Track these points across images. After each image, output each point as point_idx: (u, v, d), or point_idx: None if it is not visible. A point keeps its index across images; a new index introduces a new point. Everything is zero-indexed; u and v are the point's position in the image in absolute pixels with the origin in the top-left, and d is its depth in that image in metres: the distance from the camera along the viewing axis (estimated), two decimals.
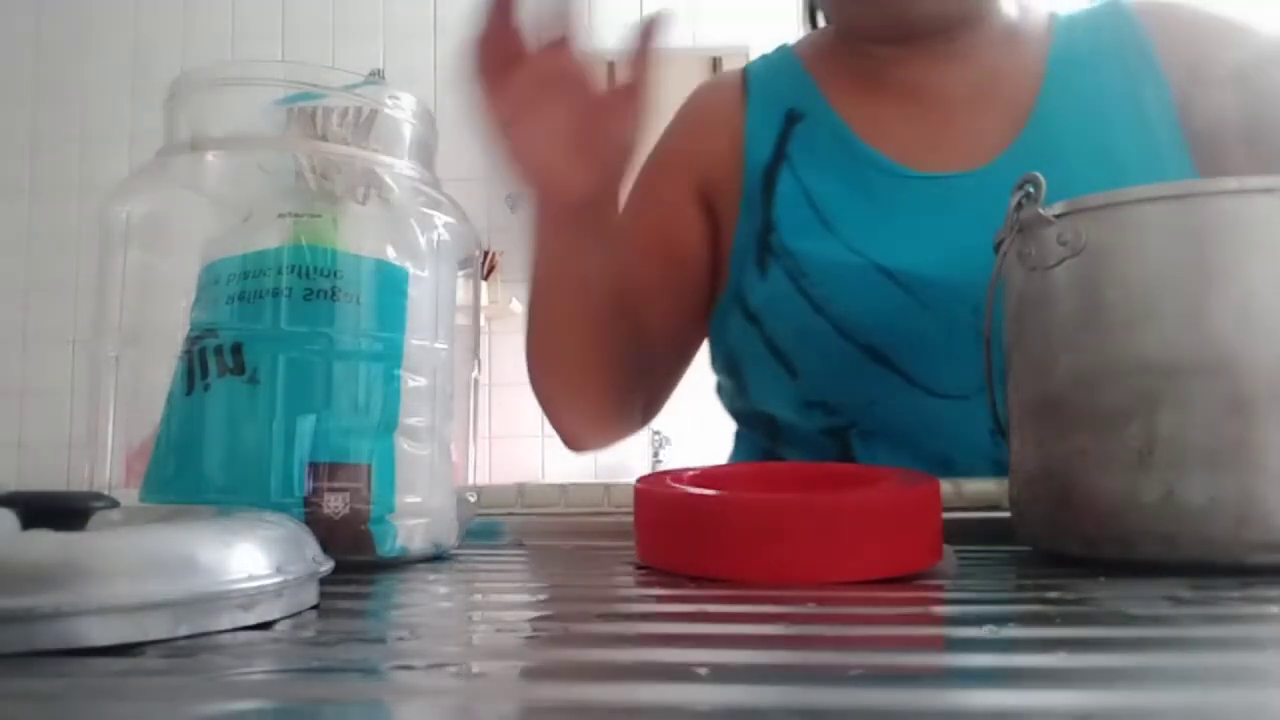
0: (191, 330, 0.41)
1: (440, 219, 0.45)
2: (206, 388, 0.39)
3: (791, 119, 0.73)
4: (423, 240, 0.43)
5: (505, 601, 0.33)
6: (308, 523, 0.37)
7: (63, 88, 2.45)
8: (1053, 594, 0.32)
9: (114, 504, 0.30)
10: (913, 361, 0.64)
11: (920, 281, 0.63)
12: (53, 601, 0.22)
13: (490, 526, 0.53)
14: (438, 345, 0.43)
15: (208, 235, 0.44)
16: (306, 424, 0.39)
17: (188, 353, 0.40)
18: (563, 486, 0.56)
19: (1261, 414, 0.34)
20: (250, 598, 0.26)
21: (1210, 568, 0.35)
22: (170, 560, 0.24)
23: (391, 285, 0.42)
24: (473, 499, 0.48)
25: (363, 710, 0.19)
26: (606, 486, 0.55)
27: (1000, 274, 0.43)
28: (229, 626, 0.25)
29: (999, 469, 0.64)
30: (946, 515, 0.37)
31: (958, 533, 0.41)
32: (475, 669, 0.22)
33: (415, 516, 0.41)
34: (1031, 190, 0.40)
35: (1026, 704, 0.19)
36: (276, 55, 2.40)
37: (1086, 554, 0.38)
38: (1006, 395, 0.44)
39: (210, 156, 0.43)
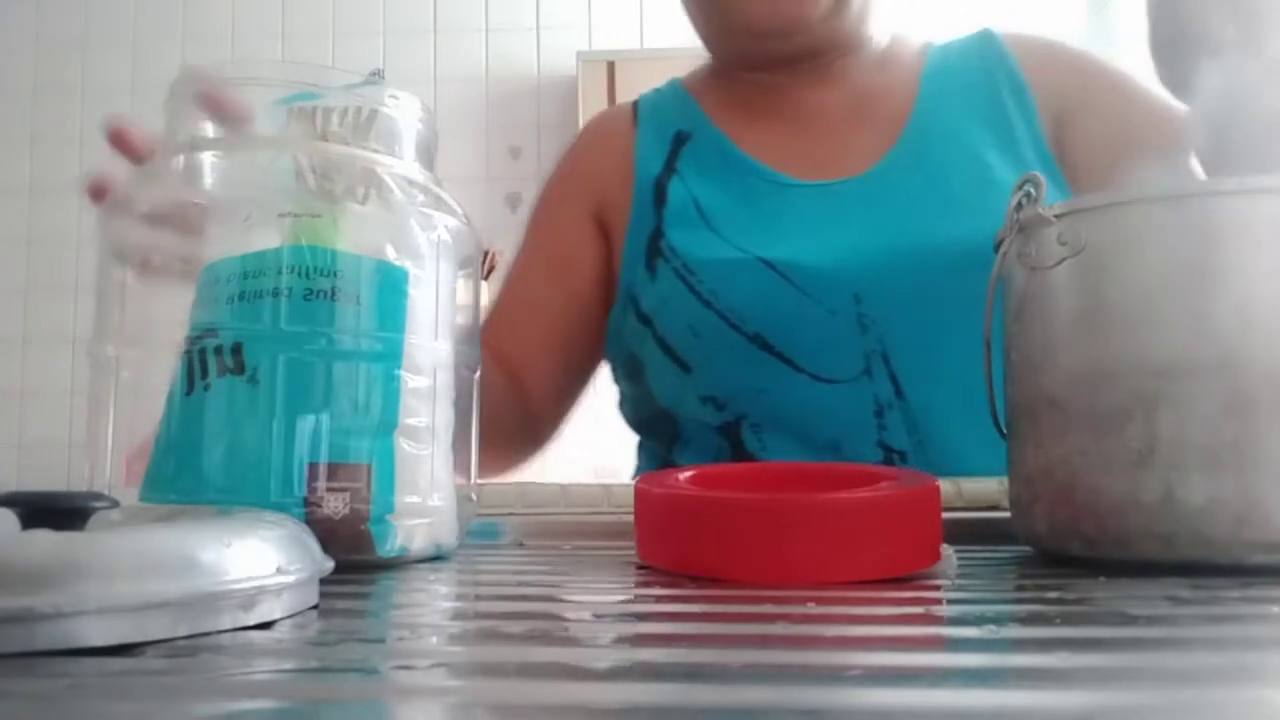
0: (191, 330, 0.41)
1: (440, 219, 0.45)
2: (206, 388, 0.39)
3: (680, 139, 0.78)
4: (423, 240, 0.43)
5: (505, 601, 0.33)
6: (308, 523, 0.37)
7: (63, 87, 2.45)
8: (1053, 594, 0.32)
9: (114, 504, 0.30)
10: (797, 348, 0.68)
11: (800, 271, 0.67)
12: (53, 601, 0.22)
13: (490, 526, 0.53)
14: (438, 345, 0.43)
15: (207, 235, 0.44)
16: (306, 424, 0.39)
17: (188, 353, 0.40)
18: (563, 486, 0.56)
19: (1261, 414, 0.34)
20: (250, 598, 0.26)
21: (1210, 568, 0.35)
22: (170, 560, 0.24)
23: (392, 285, 0.42)
24: (473, 499, 0.48)
25: (363, 710, 0.19)
26: (606, 486, 0.55)
27: (1000, 274, 0.43)
28: (229, 626, 0.25)
29: (882, 452, 0.68)
30: (946, 515, 0.37)
31: (958, 533, 0.41)
32: (475, 669, 0.22)
33: (415, 517, 0.41)
34: (1031, 190, 0.40)
35: (1026, 704, 0.19)
36: (276, 55, 2.40)
37: (1086, 554, 0.38)
38: (1006, 395, 0.44)
39: (209, 156, 0.43)
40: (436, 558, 0.43)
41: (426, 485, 0.42)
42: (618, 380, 0.83)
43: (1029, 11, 2.26)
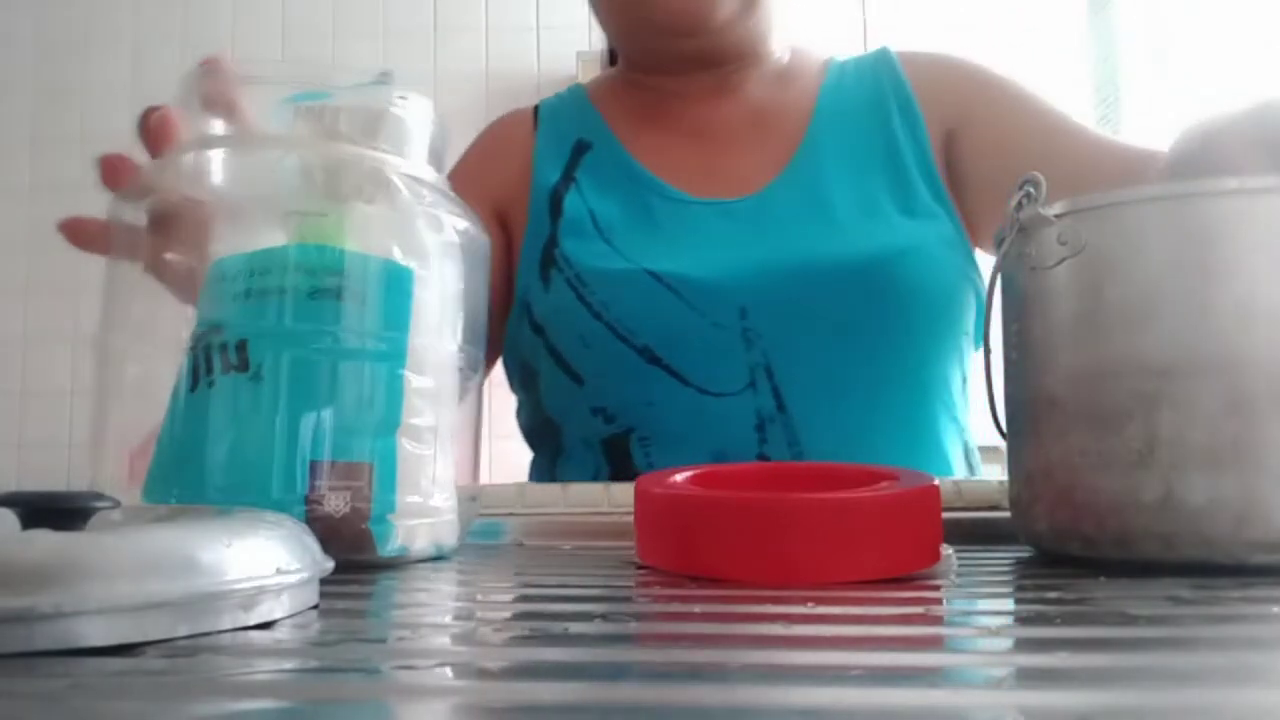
0: (197, 326, 0.41)
1: (449, 220, 0.45)
2: (210, 384, 0.39)
3: (580, 148, 0.80)
4: (430, 240, 0.43)
5: (505, 601, 0.33)
6: (309, 521, 0.37)
7: (63, 88, 2.45)
8: (1053, 594, 0.32)
9: (114, 504, 0.30)
10: (684, 361, 0.69)
11: (687, 284, 0.69)
12: (53, 601, 0.22)
13: (491, 526, 0.53)
14: (443, 346, 0.43)
15: (215, 232, 0.44)
16: (309, 422, 0.39)
17: (193, 349, 0.40)
18: (563, 486, 0.56)
19: (1261, 414, 0.34)
20: (250, 598, 0.26)
21: (1210, 568, 0.35)
22: (170, 560, 0.24)
23: (397, 285, 0.42)
24: (475, 500, 0.48)
25: (363, 710, 0.19)
26: (606, 486, 0.55)
27: (1000, 274, 0.43)
28: (229, 626, 0.25)
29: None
30: (946, 515, 0.37)
31: (958, 533, 0.41)
32: (475, 669, 0.22)
33: (417, 517, 0.41)
34: (1032, 190, 0.40)
35: (1027, 704, 0.19)
36: (277, 55, 2.40)
37: (1086, 554, 0.38)
38: (1006, 395, 0.44)
39: (218, 154, 0.43)
40: (438, 558, 0.43)
41: (428, 485, 0.42)
42: (514, 389, 0.84)
43: (1029, 11, 2.26)
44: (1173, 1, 2.00)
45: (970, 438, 0.77)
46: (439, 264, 0.44)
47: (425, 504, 0.42)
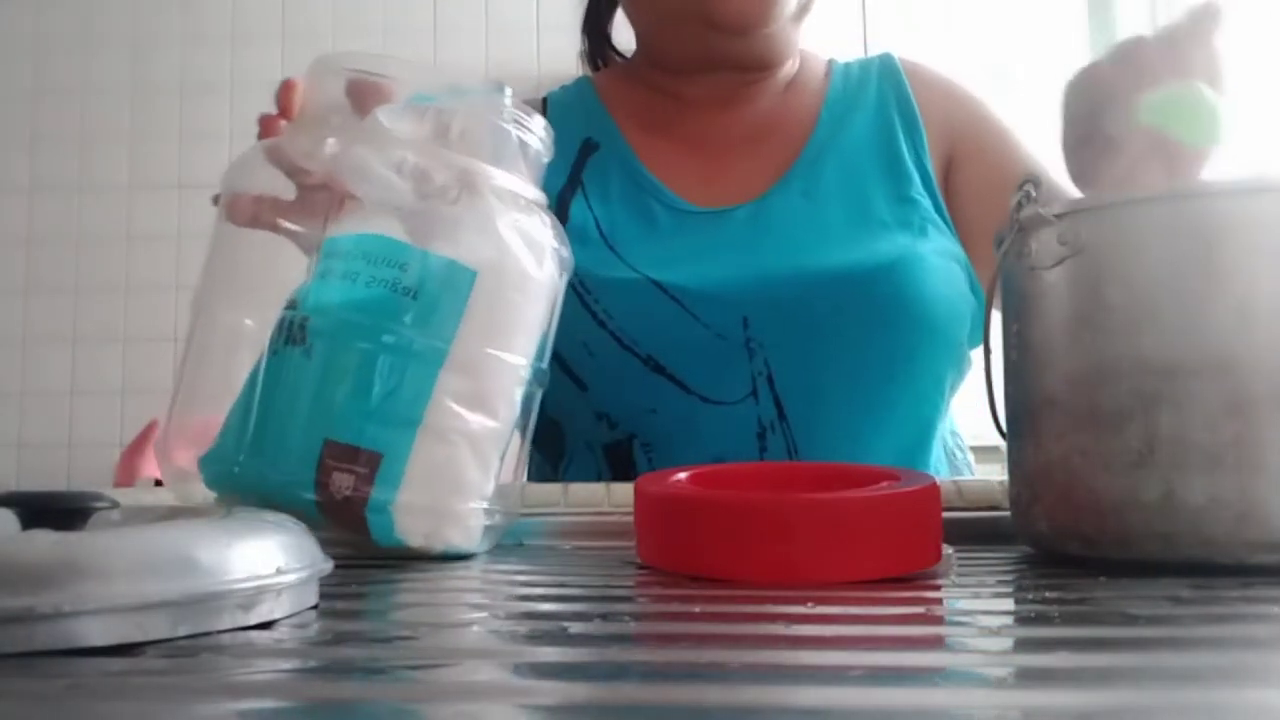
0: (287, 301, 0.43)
1: (536, 234, 0.45)
2: (275, 353, 0.42)
3: (587, 148, 0.79)
4: (507, 249, 0.43)
5: (505, 601, 0.33)
6: (318, 497, 0.39)
7: (63, 87, 2.45)
8: (1053, 594, 0.32)
9: (114, 504, 0.30)
10: (686, 370, 0.69)
11: (689, 294, 0.69)
12: (53, 601, 0.22)
13: None
14: (502, 355, 0.43)
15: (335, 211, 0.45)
16: (332, 404, 0.41)
17: (280, 320, 0.43)
18: (563, 486, 0.56)
19: (1261, 414, 0.34)
20: (250, 598, 0.26)
21: (1210, 568, 0.34)
22: (170, 560, 0.24)
23: (454, 286, 0.42)
24: (512, 510, 0.47)
25: (363, 710, 0.19)
26: (607, 486, 0.55)
27: (1000, 274, 0.43)
28: (229, 626, 0.25)
29: None
30: (946, 515, 0.37)
31: (958, 533, 0.41)
32: (476, 669, 0.22)
33: (427, 514, 0.41)
34: (1032, 190, 0.40)
35: (1026, 704, 0.19)
36: (276, 55, 2.39)
37: (1086, 554, 0.38)
38: (1006, 395, 0.44)
39: (334, 141, 0.44)
40: (453, 558, 0.43)
41: (448, 486, 0.42)
42: None
43: (1029, 11, 2.26)
44: (1172, 1, 2.00)
45: (952, 438, 0.78)
46: (515, 275, 0.43)
47: (440, 503, 0.42)
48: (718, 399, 0.69)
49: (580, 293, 0.71)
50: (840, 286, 0.69)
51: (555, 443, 0.77)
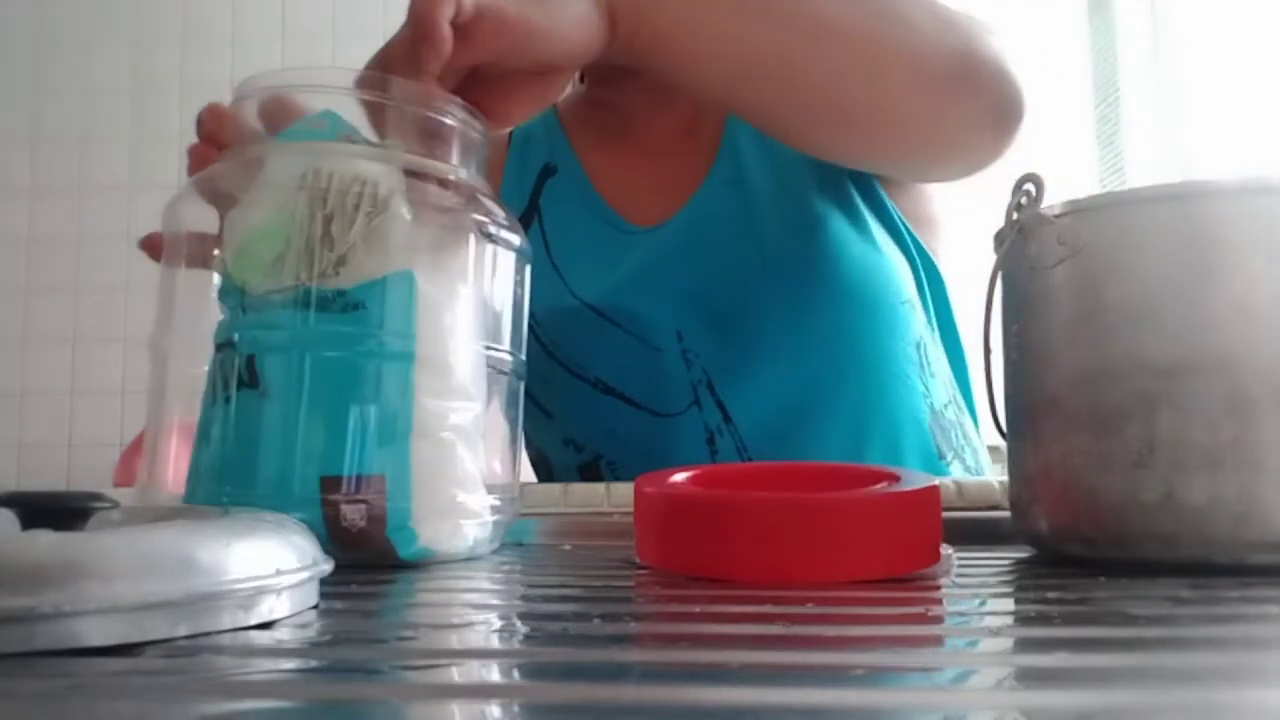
0: (216, 337, 0.42)
1: (470, 219, 0.44)
2: (228, 400, 0.40)
3: (545, 173, 0.81)
4: (456, 244, 0.43)
5: (505, 601, 0.33)
6: (330, 534, 0.38)
7: (63, 86, 2.45)
8: (1053, 594, 0.32)
9: (114, 504, 0.30)
10: (633, 387, 0.72)
11: (623, 315, 0.72)
12: (53, 601, 0.22)
13: None
14: (463, 346, 0.43)
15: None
16: (316, 436, 0.39)
17: (219, 361, 0.41)
18: (563, 487, 0.56)
19: (1261, 414, 0.34)
20: (250, 598, 0.26)
21: (1210, 568, 0.34)
22: (170, 560, 0.24)
23: (402, 290, 0.41)
24: (513, 500, 0.47)
25: (364, 710, 0.19)
26: (607, 486, 0.55)
27: (1000, 274, 0.43)
28: (229, 626, 0.25)
29: None
30: (946, 515, 0.37)
31: (957, 533, 0.41)
32: (476, 669, 0.22)
33: (440, 517, 0.41)
34: (1031, 190, 0.40)
35: (1027, 704, 0.19)
36: (276, 56, 2.39)
37: (1086, 554, 0.38)
38: (1006, 395, 0.44)
39: (259, 156, 0.43)
40: (470, 557, 0.43)
41: (451, 486, 0.42)
42: None
43: (1029, 11, 2.26)
44: (1173, 1, 2.00)
45: (938, 400, 0.75)
46: (464, 269, 0.43)
47: (449, 504, 0.41)
48: (664, 411, 0.71)
49: (533, 326, 0.71)
50: (766, 281, 0.69)
51: (546, 472, 0.80)
